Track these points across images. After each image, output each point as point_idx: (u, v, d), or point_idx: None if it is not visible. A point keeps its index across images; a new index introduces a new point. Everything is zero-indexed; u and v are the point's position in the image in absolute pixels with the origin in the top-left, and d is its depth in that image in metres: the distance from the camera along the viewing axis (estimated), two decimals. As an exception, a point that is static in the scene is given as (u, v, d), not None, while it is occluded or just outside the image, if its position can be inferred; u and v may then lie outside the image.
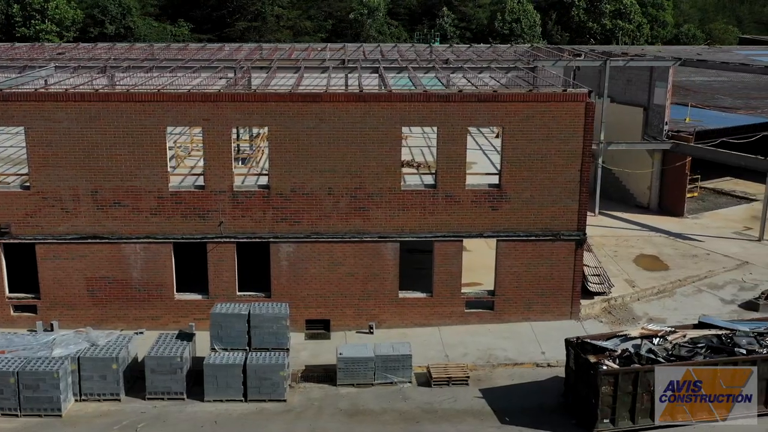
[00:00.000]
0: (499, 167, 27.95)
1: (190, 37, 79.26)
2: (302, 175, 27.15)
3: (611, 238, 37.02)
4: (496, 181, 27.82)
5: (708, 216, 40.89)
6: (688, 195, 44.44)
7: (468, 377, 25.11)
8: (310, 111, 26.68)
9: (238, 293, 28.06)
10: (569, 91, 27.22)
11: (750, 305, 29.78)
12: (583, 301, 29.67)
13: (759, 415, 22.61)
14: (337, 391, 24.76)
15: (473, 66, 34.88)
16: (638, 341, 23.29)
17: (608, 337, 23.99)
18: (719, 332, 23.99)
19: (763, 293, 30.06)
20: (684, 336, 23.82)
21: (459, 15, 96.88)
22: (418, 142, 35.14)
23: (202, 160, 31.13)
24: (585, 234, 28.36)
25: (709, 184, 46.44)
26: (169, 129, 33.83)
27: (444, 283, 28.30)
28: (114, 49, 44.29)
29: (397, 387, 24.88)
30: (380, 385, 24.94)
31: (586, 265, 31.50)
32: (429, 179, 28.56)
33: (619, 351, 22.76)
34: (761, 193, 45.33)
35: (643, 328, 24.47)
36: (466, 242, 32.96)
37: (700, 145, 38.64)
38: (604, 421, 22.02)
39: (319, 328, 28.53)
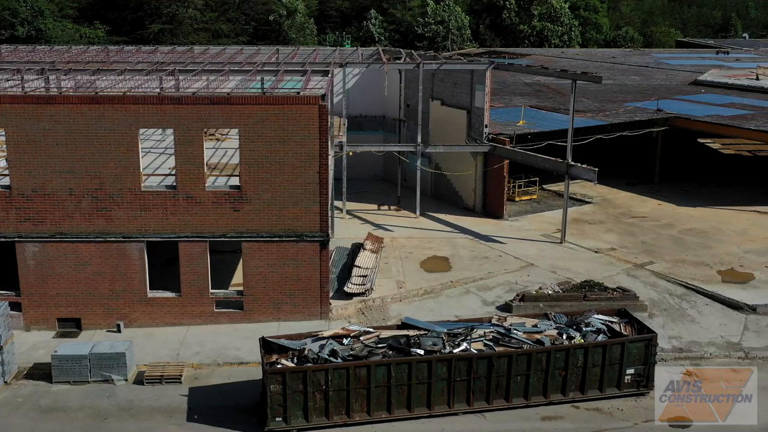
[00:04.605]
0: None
1: (106, 40, 79.75)
2: (42, 176, 27.57)
3: (416, 240, 37.35)
4: (237, 183, 28.21)
5: (529, 218, 41.14)
6: (526, 197, 44.90)
7: (181, 375, 25.47)
8: (45, 113, 27.09)
9: (-12, 292, 28.55)
10: (302, 94, 27.56)
11: (505, 307, 30.10)
12: (340, 302, 30.06)
13: (434, 416, 23.04)
14: (50, 388, 25.14)
15: (268, 69, 35.25)
16: (325, 341, 23.65)
17: (305, 337, 24.34)
18: (417, 333, 24.35)
19: (517, 295, 30.38)
20: (378, 336, 24.19)
21: (388, 18, 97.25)
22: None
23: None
24: (328, 235, 28.68)
25: (555, 186, 46.75)
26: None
27: (191, 283, 28.67)
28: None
29: (112, 385, 25.27)
30: (96, 383, 25.34)
31: (356, 266, 31.93)
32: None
33: (299, 350, 23.14)
34: (600, 196, 45.85)
35: (342, 328, 24.85)
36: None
37: (512, 148, 38.91)
38: (277, 419, 22.35)
39: (71, 326, 28.97)
